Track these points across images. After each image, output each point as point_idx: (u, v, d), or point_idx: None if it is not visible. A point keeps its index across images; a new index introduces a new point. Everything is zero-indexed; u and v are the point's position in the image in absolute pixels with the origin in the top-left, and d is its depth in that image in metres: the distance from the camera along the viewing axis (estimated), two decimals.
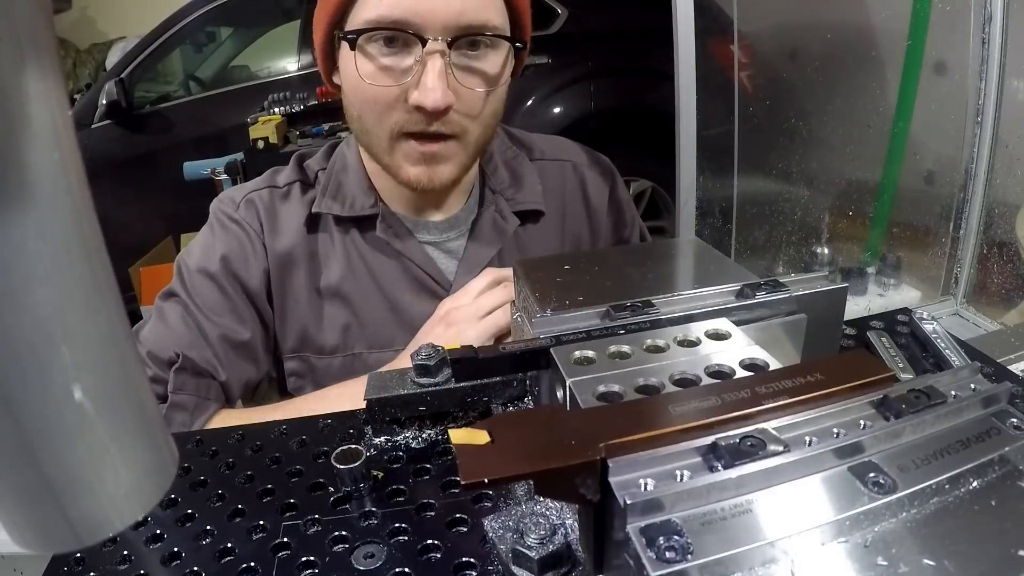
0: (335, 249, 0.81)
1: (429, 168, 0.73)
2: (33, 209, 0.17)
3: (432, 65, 0.67)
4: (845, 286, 0.47)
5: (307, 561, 0.36)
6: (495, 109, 0.76)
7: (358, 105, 0.73)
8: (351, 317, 0.81)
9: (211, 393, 0.74)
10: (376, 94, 0.70)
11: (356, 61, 0.69)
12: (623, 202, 0.96)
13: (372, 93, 0.70)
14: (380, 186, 0.83)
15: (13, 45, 0.16)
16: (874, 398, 0.30)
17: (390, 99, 0.70)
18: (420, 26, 0.66)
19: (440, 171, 0.74)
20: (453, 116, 0.70)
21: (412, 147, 0.72)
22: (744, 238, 1.40)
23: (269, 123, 2.13)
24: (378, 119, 0.72)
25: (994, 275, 1.21)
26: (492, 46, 0.71)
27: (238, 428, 0.49)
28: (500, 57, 0.72)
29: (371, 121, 0.73)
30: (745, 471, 0.26)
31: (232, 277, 0.78)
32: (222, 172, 2.09)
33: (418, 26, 0.66)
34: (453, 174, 0.75)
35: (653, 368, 0.36)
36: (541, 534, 0.33)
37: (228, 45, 3.13)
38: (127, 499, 0.21)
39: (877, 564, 0.24)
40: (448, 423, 0.46)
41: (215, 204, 0.84)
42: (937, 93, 1.22)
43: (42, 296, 0.18)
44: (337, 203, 0.81)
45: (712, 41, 1.27)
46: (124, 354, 0.21)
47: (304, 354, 0.83)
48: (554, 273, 0.51)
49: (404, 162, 0.73)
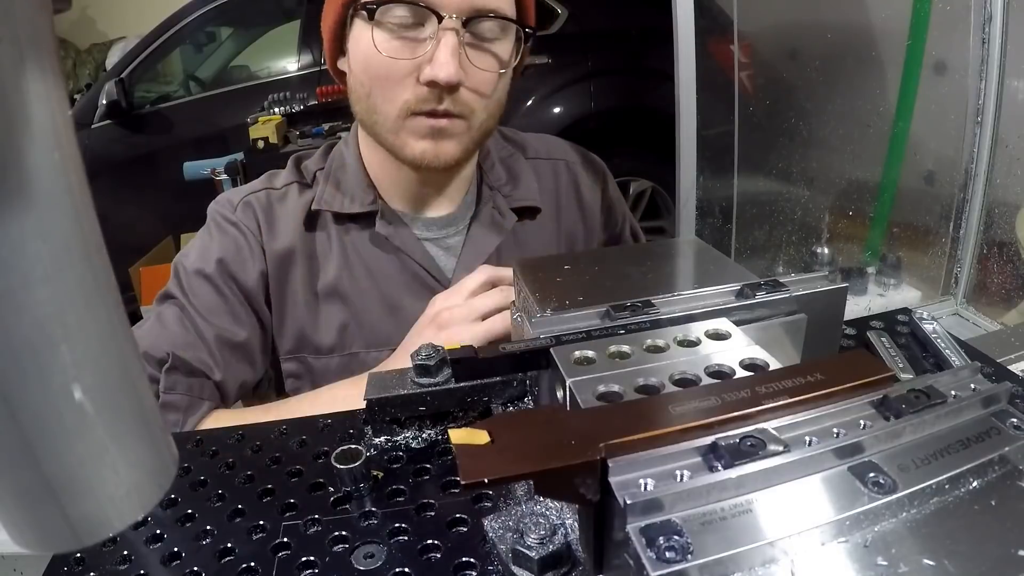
0: (333, 248, 0.82)
1: (435, 143, 0.74)
2: (33, 209, 0.17)
3: (446, 41, 0.68)
4: (845, 286, 0.47)
5: (307, 561, 0.36)
6: (500, 97, 0.78)
7: (368, 82, 0.74)
8: (349, 316, 0.81)
9: (204, 392, 0.74)
10: (389, 69, 0.71)
11: (373, 33, 0.70)
12: (615, 200, 0.98)
13: (385, 68, 0.71)
14: (379, 182, 0.83)
15: (13, 45, 0.16)
16: (874, 398, 0.30)
17: (402, 74, 0.71)
18: (437, 3, 0.68)
19: (446, 147, 0.75)
20: (462, 95, 0.72)
21: (421, 122, 0.73)
22: (744, 238, 1.40)
23: (269, 123, 2.13)
24: (388, 96, 0.73)
25: (994, 275, 1.20)
26: (502, 33, 0.73)
27: (238, 428, 0.49)
28: (509, 44, 0.75)
29: (380, 98, 0.73)
30: (745, 471, 0.26)
31: (229, 278, 0.78)
32: (222, 172, 2.09)
33: (435, 3, 0.68)
34: (457, 153, 0.76)
35: (653, 368, 0.36)
36: (541, 534, 0.33)
37: (228, 45, 3.13)
38: (127, 499, 0.21)
39: (877, 564, 0.24)
40: (448, 423, 0.46)
41: (212, 207, 0.84)
42: (937, 93, 1.22)
43: (42, 296, 0.18)
44: (336, 200, 0.81)
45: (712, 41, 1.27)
46: (124, 354, 0.21)
47: (301, 355, 0.82)
48: (554, 273, 0.51)
49: (410, 138, 0.74)
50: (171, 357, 0.72)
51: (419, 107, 0.72)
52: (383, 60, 0.71)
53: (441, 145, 0.74)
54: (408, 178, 0.82)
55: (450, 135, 0.74)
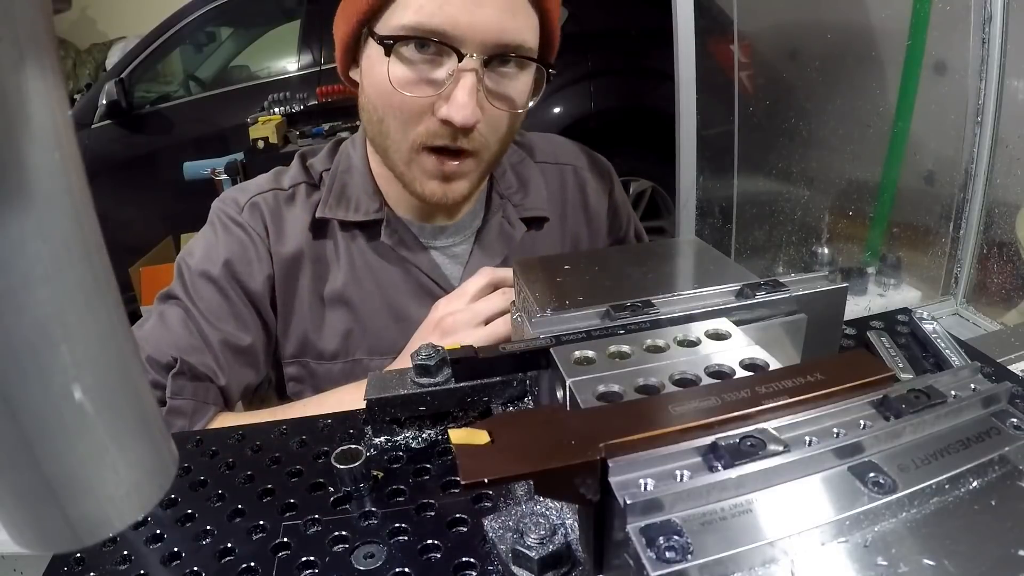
0: (339, 254, 0.81)
1: (445, 185, 0.73)
2: (33, 209, 0.17)
3: (465, 81, 0.66)
4: (845, 286, 0.47)
5: (307, 561, 0.36)
6: (514, 128, 0.76)
7: (382, 110, 0.72)
8: (353, 323, 0.81)
9: (209, 397, 0.73)
10: (404, 103, 0.69)
11: (389, 67, 0.68)
12: (620, 203, 0.97)
13: (399, 101, 0.69)
14: (386, 190, 0.82)
15: (13, 45, 0.16)
16: (874, 398, 0.30)
17: (418, 110, 0.69)
18: (459, 39, 0.65)
19: (455, 188, 0.74)
20: (477, 133, 0.70)
21: (432, 163, 0.72)
22: (744, 238, 1.40)
23: (269, 123, 2.13)
24: (402, 128, 0.71)
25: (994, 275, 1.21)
26: (522, 68, 0.71)
27: (238, 428, 0.49)
28: (528, 79, 0.73)
29: (394, 128, 0.72)
30: (745, 471, 0.26)
31: (235, 282, 0.77)
32: (222, 172, 2.09)
33: (457, 39, 0.65)
34: (467, 191, 0.75)
35: (653, 368, 0.36)
36: (541, 534, 0.33)
37: (228, 45, 3.13)
38: (127, 499, 0.21)
39: (877, 564, 0.24)
40: (448, 423, 0.46)
41: (217, 204, 0.82)
42: (937, 93, 1.22)
43: (42, 296, 0.18)
44: (341, 208, 0.80)
45: (712, 41, 1.27)
46: (124, 354, 0.21)
47: (304, 359, 0.82)
48: (554, 273, 0.51)
49: (421, 175, 0.73)
50: (178, 362, 0.71)
51: (432, 142, 0.70)
52: (398, 94, 0.68)
53: (451, 186, 0.73)
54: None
55: (460, 176, 0.73)
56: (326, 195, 0.81)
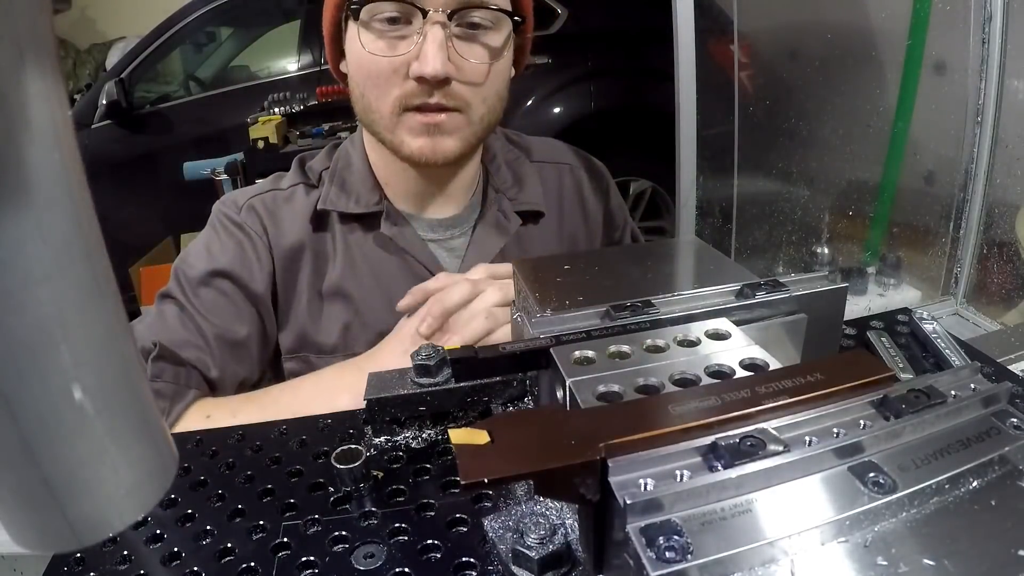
0: (338, 247, 0.82)
1: (432, 140, 0.74)
2: (33, 209, 0.17)
3: (432, 35, 0.68)
4: (845, 286, 0.47)
5: (307, 561, 0.36)
6: (498, 89, 0.77)
7: (361, 82, 0.74)
8: (352, 316, 0.81)
9: (191, 381, 0.74)
10: (378, 67, 0.71)
11: (360, 35, 0.70)
12: (617, 207, 0.98)
13: (375, 67, 0.71)
14: (385, 181, 0.83)
15: (13, 45, 0.16)
16: (874, 398, 0.30)
17: (391, 71, 0.71)
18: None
19: (444, 143, 0.74)
20: (455, 88, 0.72)
21: (415, 119, 0.73)
22: (744, 238, 1.40)
23: (269, 123, 2.13)
24: (381, 93, 0.73)
25: (994, 275, 1.21)
26: (494, 23, 0.73)
27: (238, 428, 0.49)
28: (501, 34, 0.74)
29: (374, 96, 0.73)
30: (745, 471, 0.26)
31: (234, 284, 0.78)
32: (222, 172, 2.09)
33: None
34: (457, 148, 0.75)
35: (653, 368, 0.36)
36: (541, 534, 0.33)
37: (228, 45, 3.13)
38: (127, 499, 0.21)
39: (877, 564, 0.24)
40: (448, 423, 0.46)
41: (217, 206, 0.84)
42: (937, 93, 1.22)
43: (42, 296, 0.18)
44: (342, 200, 0.81)
45: (712, 41, 1.27)
46: (124, 354, 0.21)
47: (304, 353, 0.82)
48: (554, 273, 0.51)
49: (407, 135, 0.74)
50: (157, 346, 0.72)
51: (410, 102, 0.72)
52: (372, 59, 0.71)
53: (438, 141, 0.74)
54: (412, 176, 0.81)
55: (447, 131, 0.74)
56: (326, 189, 0.82)
